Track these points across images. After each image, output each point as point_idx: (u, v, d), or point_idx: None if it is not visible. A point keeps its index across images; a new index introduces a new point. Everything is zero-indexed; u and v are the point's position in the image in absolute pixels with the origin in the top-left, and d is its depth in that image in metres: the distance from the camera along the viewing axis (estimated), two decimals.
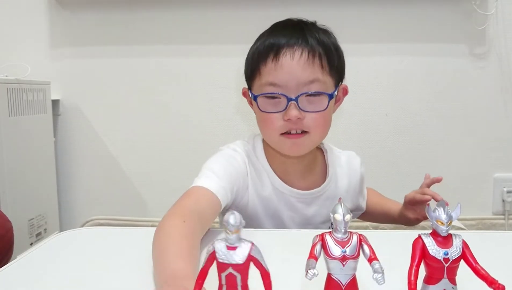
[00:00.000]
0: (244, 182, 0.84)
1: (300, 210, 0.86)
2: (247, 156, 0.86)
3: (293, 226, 0.87)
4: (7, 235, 1.00)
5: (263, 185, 0.85)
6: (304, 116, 0.76)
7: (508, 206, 1.63)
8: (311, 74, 0.76)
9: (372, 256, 0.40)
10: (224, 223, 0.40)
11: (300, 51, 0.76)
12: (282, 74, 0.76)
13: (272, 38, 0.78)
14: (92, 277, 0.59)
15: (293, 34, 0.78)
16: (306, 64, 0.76)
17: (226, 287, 0.40)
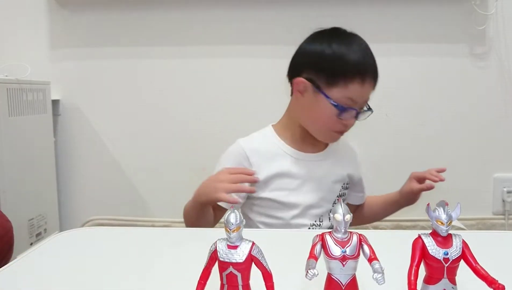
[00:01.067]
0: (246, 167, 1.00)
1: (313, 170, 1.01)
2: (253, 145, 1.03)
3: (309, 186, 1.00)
4: (7, 235, 1.00)
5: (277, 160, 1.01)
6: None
7: (508, 206, 1.63)
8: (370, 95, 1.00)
9: (372, 256, 0.40)
10: (224, 222, 0.40)
11: (373, 80, 0.98)
12: (362, 96, 0.97)
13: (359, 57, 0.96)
14: (92, 277, 0.59)
15: (371, 60, 0.99)
16: (373, 88, 0.99)
17: (227, 286, 0.41)
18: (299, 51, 1.02)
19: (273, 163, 1.00)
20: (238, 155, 1.02)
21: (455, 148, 1.63)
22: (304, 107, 0.99)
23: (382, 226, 1.56)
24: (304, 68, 0.99)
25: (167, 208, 1.70)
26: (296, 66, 1.02)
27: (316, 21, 1.57)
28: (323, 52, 0.96)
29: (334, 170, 1.05)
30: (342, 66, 0.94)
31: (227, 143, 1.64)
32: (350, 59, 0.95)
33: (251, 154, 1.01)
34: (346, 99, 0.94)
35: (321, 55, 0.97)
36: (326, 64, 0.96)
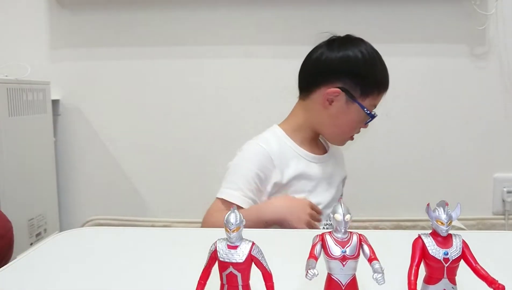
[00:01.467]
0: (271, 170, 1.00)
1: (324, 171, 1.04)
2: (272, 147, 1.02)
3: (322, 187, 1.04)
4: (7, 235, 1.01)
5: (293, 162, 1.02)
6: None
7: (508, 206, 1.63)
8: None
9: (372, 256, 0.40)
10: (224, 222, 0.40)
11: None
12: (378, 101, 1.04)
13: (385, 70, 1.02)
14: (92, 277, 0.59)
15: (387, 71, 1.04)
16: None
17: (227, 286, 0.41)
18: (321, 59, 1.02)
19: (291, 165, 1.01)
20: (263, 158, 1.00)
21: (455, 148, 1.63)
22: (331, 114, 1.01)
23: (382, 226, 1.56)
24: (335, 78, 1.00)
25: (167, 208, 1.70)
26: (320, 74, 1.02)
27: (316, 21, 1.58)
28: (357, 64, 0.99)
29: (338, 170, 1.09)
30: (378, 78, 1.01)
31: (227, 143, 1.65)
32: (381, 75, 1.01)
33: (275, 156, 1.00)
34: (373, 106, 1.02)
35: (356, 66, 1.00)
36: (364, 76, 0.99)
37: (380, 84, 1.02)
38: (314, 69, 1.04)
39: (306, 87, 1.05)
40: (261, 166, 0.99)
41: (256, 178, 0.98)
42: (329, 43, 1.03)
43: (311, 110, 1.04)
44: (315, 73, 1.04)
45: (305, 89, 1.05)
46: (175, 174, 1.68)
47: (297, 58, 1.07)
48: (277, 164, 1.00)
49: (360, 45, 1.01)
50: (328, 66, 1.01)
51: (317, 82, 1.02)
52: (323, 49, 1.03)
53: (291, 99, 1.56)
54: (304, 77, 1.06)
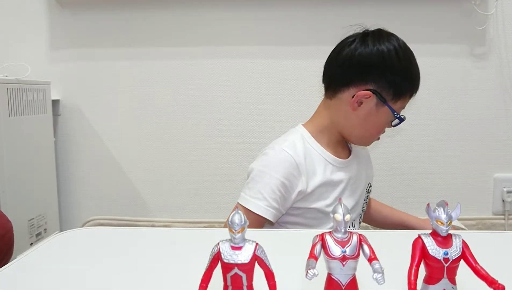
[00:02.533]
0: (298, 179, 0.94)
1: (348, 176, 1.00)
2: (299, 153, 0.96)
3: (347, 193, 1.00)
4: (7, 235, 1.00)
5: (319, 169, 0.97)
6: None
7: (508, 206, 1.63)
8: None
9: (372, 256, 0.40)
10: (228, 223, 0.40)
11: None
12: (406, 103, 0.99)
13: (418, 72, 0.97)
14: (92, 277, 0.59)
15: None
16: None
17: (231, 288, 0.40)
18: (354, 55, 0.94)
19: (317, 173, 0.96)
20: (289, 166, 0.93)
21: (455, 148, 1.63)
22: (359, 116, 0.96)
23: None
24: (367, 77, 0.93)
25: (167, 208, 1.70)
26: (351, 72, 0.95)
27: (317, 21, 1.58)
28: (392, 63, 0.93)
29: (362, 172, 1.06)
30: (411, 82, 0.96)
31: (227, 143, 1.65)
32: (416, 75, 0.96)
33: (301, 164, 0.94)
34: (402, 108, 0.98)
35: (391, 65, 0.93)
36: (399, 80, 0.94)
37: (414, 85, 0.96)
38: (344, 66, 0.95)
39: (334, 86, 0.97)
40: (287, 174, 0.93)
41: (282, 187, 0.92)
42: (363, 37, 0.95)
43: (337, 110, 0.98)
44: (345, 70, 0.95)
45: (332, 88, 0.98)
46: (175, 174, 1.68)
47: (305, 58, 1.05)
48: (303, 172, 0.94)
49: (394, 41, 0.95)
50: (361, 64, 0.93)
51: (347, 81, 0.94)
52: (356, 44, 0.94)
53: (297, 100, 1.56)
54: (333, 75, 0.98)
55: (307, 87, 1.57)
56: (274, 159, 0.95)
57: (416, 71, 0.97)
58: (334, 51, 0.99)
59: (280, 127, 1.55)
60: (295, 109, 1.60)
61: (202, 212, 1.69)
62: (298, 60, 1.59)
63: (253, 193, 0.93)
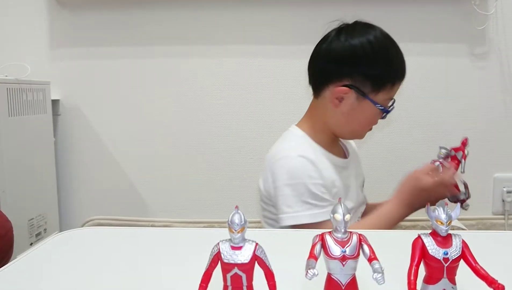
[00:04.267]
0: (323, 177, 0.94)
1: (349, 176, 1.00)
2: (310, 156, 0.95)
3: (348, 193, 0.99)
4: (7, 235, 1.01)
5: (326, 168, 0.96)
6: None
7: (508, 206, 1.63)
8: None
9: (372, 256, 0.40)
10: (228, 223, 0.40)
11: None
12: (394, 93, 0.97)
13: (401, 59, 0.96)
14: (92, 277, 0.59)
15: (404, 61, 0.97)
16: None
17: (231, 288, 0.40)
18: (328, 52, 0.95)
19: (324, 173, 0.94)
20: (309, 169, 0.92)
21: None
22: (344, 112, 0.94)
23: None
24: (343, 72, 0.92)
25: (167, 208, 1.70)
26: (328, 70, 0.95)
27: (317, 20, 1.58)
28: (364, 55, 0.91)
29: (358, 173, 1.06)
30: (390, 72, 0.93)
31: (227, 143, 1.65)
32: (396, 63, 0.94)
33: (316, 162, 0.93)
34: (388, 100, 0.95)
35: (362, 58, 0.92)
36: (374, 72, 0.92)
37: (393, 75, 0.93)
38: (321, 64, 0.96)
39: (316, 85, 0.98)
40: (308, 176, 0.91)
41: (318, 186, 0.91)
42: (337, 33, 0.95)
43: (324, 109, 0.97)
44: (322, 68, 0.96)
45: (315, 87, 0.98)
46: (175, 174, 1.68)
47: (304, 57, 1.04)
48: (320, 168, 0.93)
49: (368, 32, 0.92)
50: (335, 60, 0.93)
51: (325, 79, 0.94)
52: (329, 41, 0.95)
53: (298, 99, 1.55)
54: (312, 74, 0.99)
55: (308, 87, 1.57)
56: (294, 168, 0.93)
57: (396, 59, 0.94)
58: (314, 50, 0.99)
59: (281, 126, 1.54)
60: (297, 109, 1.59)
61: (202, 212, 1.69)
62: (299, 60, 1.58)
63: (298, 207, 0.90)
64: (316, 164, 0.93)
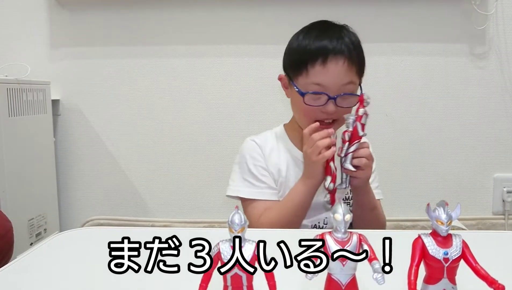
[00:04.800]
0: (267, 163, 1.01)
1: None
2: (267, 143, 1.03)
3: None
4: (7, 235, 1.00)
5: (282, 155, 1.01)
6: (337, 110, 0.91)
7: (508, 206, 1.63)
8: (348, 77, 0.91)
9: (372, 256, 0.40)
10: (229, 223, 0.40)
11: (343, 59, 0.90)
12: (328, 77, 0.90)
13: (318, 41, 0.92)
14: (92, 277, 0.59)
15: (337, 42, 0.91)
16: (346, 70, 0.91)
17: (231, 288, 0.41)
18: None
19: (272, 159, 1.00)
20: (254, 151, 1.01)
21: (455, 148, 1.63)
22: (291, 102, 1.00)
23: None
24: (284, 63, 1.00)
25: (167, 208, 1.70)
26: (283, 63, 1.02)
27: (316, 20, 1.58)
28: (291, 44, 0.98)
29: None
30: (304, 53, 0.93)
31: (227, 143, 1.65)
32: (311, 45, 0.92)
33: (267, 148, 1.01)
34: (313, 85, 0.91)
35: (290, 47, 0.98)
36: (292, 55, 0.97)
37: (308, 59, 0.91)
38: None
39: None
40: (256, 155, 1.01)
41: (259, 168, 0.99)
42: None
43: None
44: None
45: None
46: (175, 174, 1.68)
47: None
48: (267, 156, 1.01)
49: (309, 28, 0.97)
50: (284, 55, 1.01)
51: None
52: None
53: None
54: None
55: None
56: (241, 149, 1.04)
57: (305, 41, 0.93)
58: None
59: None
60: None
61: (202, 212, 1.69)
62: None
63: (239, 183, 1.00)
64: (264, 149, 1.01)
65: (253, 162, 1.00)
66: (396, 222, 1.63)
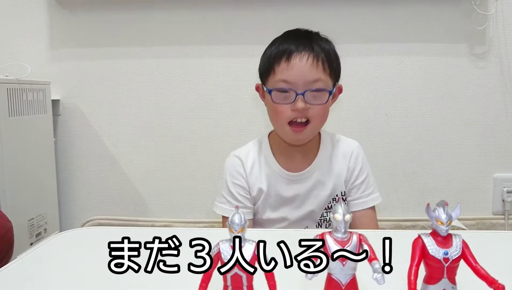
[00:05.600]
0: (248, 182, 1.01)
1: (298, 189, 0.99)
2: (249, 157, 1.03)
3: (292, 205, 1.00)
4: (7, 235, 1.01)
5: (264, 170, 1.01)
6: (308, 107, 0.92)
7: (508, 206, 1.63)
8: (315, 74, 0.92)
9: (372, 256, 0.40)
10: (229, 223, 0.40)
11: (307, 56, 0.92)
12: (293, 73, 0.92)
13: (285, 44, 0.95)
14: (92, 277, 0.59)
15: (302, 42, 0.94)
16: (312, 66, 0.92)
17: (231, 288, 0.41)
18: None
19: (252, 178, 1.00)
20: (235, 169, 1.02)
21: (455, 148, 1.63)
22: (267, 109, 1.00)
23: (382, 226, 1.56)
24: (258, 72, 1.03)
25: (167, 208, 1.70)
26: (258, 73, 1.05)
27: (316, 20, 1.58)
28: (264, 53, 1.01)
29: (321, 187, 0.99)
30: (271, 56, 0.96)
31: (227, 143, 1.65)
32: (278, 47, 0.96)
33: (249, 166, 1.01)
34: (280, 82, 0.93)
35: (262, 56, 1.02)
36: (263, 61, 1.01)
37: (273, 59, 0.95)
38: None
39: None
40: (236, 174, 1.01)
41: (237, 187, 1.00)
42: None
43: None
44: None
45: None
46: (175, 174, 1.68)
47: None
48: (248, 174, 1.01)
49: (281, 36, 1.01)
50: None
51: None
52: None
53: None
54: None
55: None
56: (224, 165, 1.05)
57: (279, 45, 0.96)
58: None
59: None
60: None
61: (202, 212, 1.69)
62: None
63: (218, 198, 1.03)
64: (246, 164, 1.01)
65: (232, 180, 1.01)
66: (396, 222, 1.63)
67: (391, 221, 1.62)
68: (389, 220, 1.63)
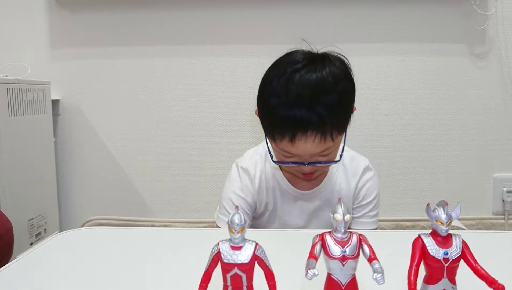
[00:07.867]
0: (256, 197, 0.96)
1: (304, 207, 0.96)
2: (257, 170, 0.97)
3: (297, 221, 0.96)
4: (7, 235, 1.00)
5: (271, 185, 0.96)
6: (317, 168, 0.86)
7: (508, 206, 1.63)
8: (322, 147, 0.81)
9: (372, 256, 0.40)
10: (228, 223, 0.40)
11: (313, 135, 0.79)
12: (297, 151, 0.81)
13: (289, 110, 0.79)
14: (92, 277, 0.59)
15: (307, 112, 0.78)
16: (318, 144, 0.80)
17: (231, 288, 0.40)
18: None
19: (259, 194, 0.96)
20: (243, 183, 0.96)
21: (455, 148, 1.63)
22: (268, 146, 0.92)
23: (382, 226, 1.56)
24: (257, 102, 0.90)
25: (167, 208, 1.70)
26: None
27: (316, 21, 1.58)
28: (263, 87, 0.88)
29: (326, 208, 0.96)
30: (272, 116, 0.83)
31: (227, 143, 1.65)
32: (280, 112, 0.81)
33: (257, 180, 0.95)
34: (283, 151, 0.84)
35: (261, 91, 0.89)
36: (262, 105, 0.88)
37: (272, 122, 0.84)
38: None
39: None
40: (244, 188, 0.95)
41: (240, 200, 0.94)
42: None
43: None
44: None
45: None
46: (175, 174, 1.68)
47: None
48: (257, 190, 0.95)
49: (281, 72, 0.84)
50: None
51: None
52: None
53: None
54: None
55: None
56: (230, 176, 0.99)
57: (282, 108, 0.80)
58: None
59: None
60: None
61: (202, 212, 1.69)
62: None
63: (221, 210, 0.97)
64: (254, 182, 0.95)
65: (237, 193, 0.95)
66: (396, 222, 1.63)
67: (391, 221, 1.62)
68: (389, 220, 1.63)
